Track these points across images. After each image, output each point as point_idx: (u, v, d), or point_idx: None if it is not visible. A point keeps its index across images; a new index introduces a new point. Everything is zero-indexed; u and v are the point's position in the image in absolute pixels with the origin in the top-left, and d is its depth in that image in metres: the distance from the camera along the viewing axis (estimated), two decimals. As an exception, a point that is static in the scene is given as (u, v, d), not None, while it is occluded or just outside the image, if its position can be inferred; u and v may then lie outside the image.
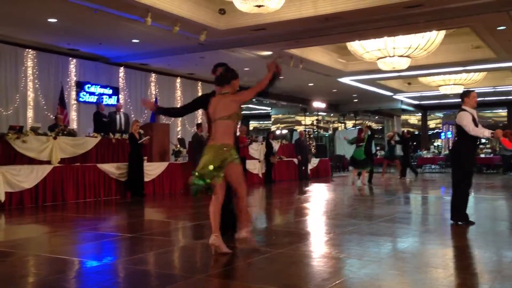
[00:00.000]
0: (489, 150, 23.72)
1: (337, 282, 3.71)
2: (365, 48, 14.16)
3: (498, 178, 17.48)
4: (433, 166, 23.09)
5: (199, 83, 18.47)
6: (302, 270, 4.16)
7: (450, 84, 19.61)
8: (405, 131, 19.16)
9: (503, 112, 29.18)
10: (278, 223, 7.32)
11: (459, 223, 6.27)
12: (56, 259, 4.66)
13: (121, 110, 12.90)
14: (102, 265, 4.46)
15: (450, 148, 9.66)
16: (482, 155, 20.92)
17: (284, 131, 29.30)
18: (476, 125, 6.14)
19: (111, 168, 10.44)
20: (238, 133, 14.90)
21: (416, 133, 31.39)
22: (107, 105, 13.99)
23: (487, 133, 6.06)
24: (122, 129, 12.17)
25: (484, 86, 21.02)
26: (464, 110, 6.25)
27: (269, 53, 14.29)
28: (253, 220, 5.00)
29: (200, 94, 18.45)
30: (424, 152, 25.63)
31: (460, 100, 6.51)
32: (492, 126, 29.38)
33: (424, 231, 6.22)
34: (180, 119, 17.37)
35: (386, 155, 17.88)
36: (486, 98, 23.43)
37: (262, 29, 11.56)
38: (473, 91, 6.48)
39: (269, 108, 28.74)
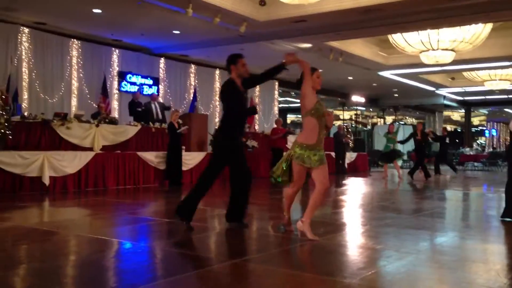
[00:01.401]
0: None
1: (372, 271, 3.68)
2: (407, 41, 13.84)
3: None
4: (475, 164, 22.45)
5: (238, 75, 18.52)
6: (337, 259, 4.13)
7: (496, 79, 18.93)
8: (443, 128, 18.83)
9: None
10: (314, 214, 7.28)
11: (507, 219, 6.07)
12: (96, 239, 4.80)
13: (156, 100, 13.10)
14: (140, 247, 4.57)
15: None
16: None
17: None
18: None
19: (150, 156, 10.66)
20: (275, 126, 14.96)
21: (459, 130, 30.56)
22: (148, 95, 14.24)
23: None
24: (160, 118, 12.40)
25: (532, 82, 20.17)
26: None
27: (309, 45, 14.18)
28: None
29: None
30: (467, 149, 24.92)
31: (506, 96, 6.35)
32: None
33: (465, 226, 6.06)
34: (219, 110, 17.54)
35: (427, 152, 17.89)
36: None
37: (303, 20, 11.47)
38: None
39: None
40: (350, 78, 19.78)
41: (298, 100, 21.30)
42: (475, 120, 31.61)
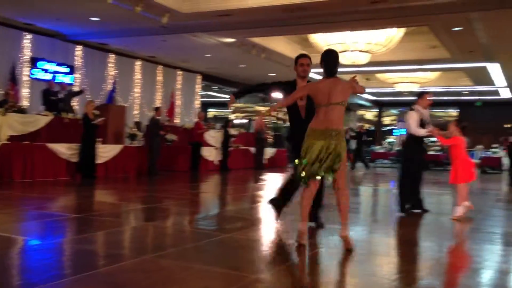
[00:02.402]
0: (438, 147, 24.51)
1: (281, 266, 3.77)
2: (326, 41, 14.30)
3: (444, 174, 18.14)
4: (385, 161, 23.74)
5: (159, 67, 18.18)
6: (249, 254, 4.20)
7: (406, 82, 20.14)
8: (360, 126, 19.71)
9: (454, 112, 30.23)
10: (230, 209, 7.35)
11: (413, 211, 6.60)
12: (-3, 236, 4.50)
13: (65, 89, 12.56)
14: (46, 244, 4.35)
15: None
16: (432, 152, 21.47)
17: (244, 121, 29.31)
18: (424, 125, 6.51)
19: (61, 148, 10.15)
20: (196, 119, 14.89)
21: (372, 128, 32.11)
22: (62, 83, 13.52)
23: (422, 132, 6.49)
24: (66, 108, 11.91)
25: (437, 86, 21.73)
26: (413, 109, 6.60)
27: (232, 40, 14.22)
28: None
29: (160, 78, 18.21)
30: (378, 147, 26.29)
31: (415, 98, 6.85)
32: (442, 125, 30.35)
33: (372, 221, 6.40)
34: (138, 102, 17.17)
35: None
36: (438, 98, 24.24)
37: (227, 15, 11.46)
38: (426, 92, 6.85)
39: (229, 96, 28.70)
40: (272, 74, 20.08)
41: (221, 95, 21.32)
42: (386, 120, 33.33)
